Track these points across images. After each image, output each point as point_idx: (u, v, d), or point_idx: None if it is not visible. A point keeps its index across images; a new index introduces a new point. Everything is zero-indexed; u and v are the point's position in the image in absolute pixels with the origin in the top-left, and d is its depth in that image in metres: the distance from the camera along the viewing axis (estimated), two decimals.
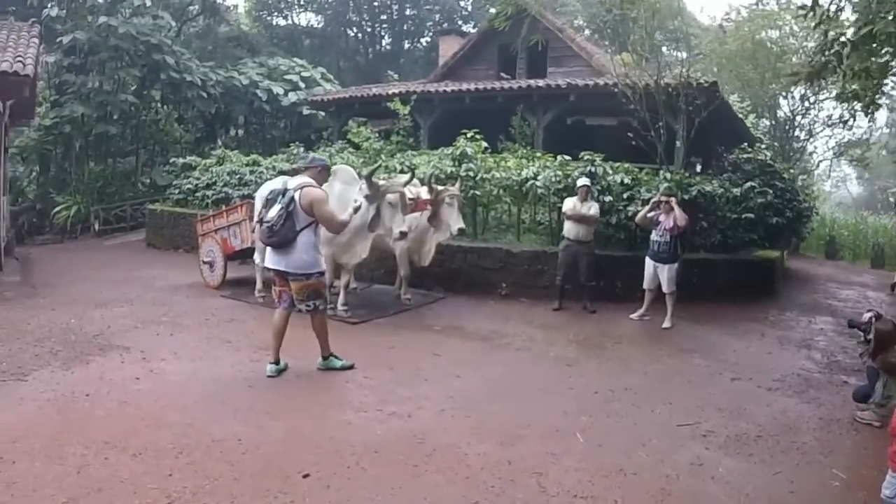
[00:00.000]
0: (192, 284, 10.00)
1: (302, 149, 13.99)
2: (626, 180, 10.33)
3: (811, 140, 23.49)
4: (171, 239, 14.37)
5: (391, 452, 4.34)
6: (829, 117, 22.67)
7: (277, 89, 19.71)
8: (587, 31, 20.85)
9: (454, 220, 8.28)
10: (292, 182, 5.99)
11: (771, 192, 11.39)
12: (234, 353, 6.43)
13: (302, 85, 20.29)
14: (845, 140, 23.48)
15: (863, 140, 24.04)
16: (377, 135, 14.35)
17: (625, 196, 10.21)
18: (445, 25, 28.13)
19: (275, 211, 5.68)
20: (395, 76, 23.58)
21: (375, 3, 30.98)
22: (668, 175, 10.84)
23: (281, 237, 5.64)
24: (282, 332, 5.88)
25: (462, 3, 32.50)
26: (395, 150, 13.68)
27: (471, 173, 10.30)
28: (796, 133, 22.71)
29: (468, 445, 4.53)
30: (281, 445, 4.39)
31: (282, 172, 12.82)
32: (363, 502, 3.72)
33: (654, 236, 8.65)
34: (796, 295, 12.15)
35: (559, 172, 10.34)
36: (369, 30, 31.81)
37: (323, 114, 20.48)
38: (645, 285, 8.82)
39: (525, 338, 7.69)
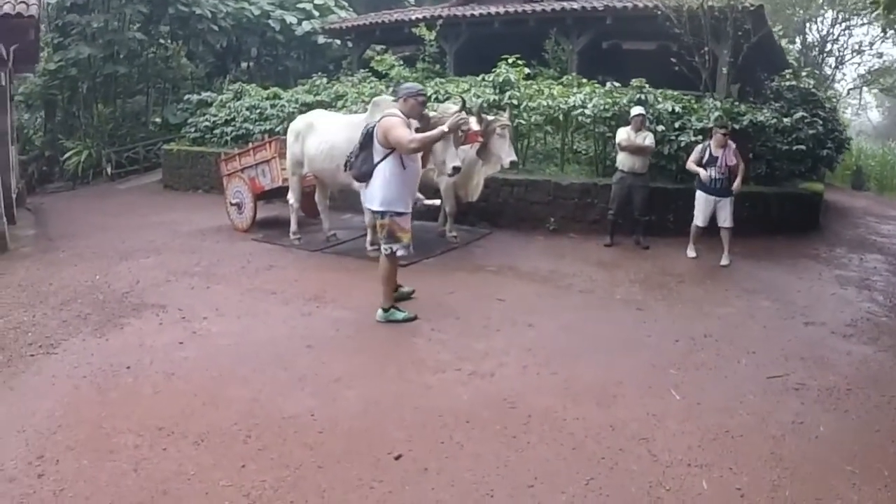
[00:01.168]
0: (219, 228, 9.46)
1: (325, 79, 13.20)
2: (677, 108, 9.66)
3: (840, 67, 22.54)
4: (189, 179, 13.75)
5: (484, 421, 3.87)
6: (860, 43, 21.66)
7: (291, 18, 18.70)
8: None
9: (506, 153, 7.64)
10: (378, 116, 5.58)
11: (821, 122, 10.74)
12: (283, 306, 5.90)
13: (315, 13, 19.26)
14: (875, 67, 22.52)
15: (893, 68, 22.99)
16: (401, 62, 13.52)
17: (676, 125, 9.56)
18: None
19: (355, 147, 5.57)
20: (412, 1, 22.37)
21: None
22: (718, 104, 10.16)
23: (356, 170, 5.50)
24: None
25: None
26: (422, 77, 12.89)
27: (514, 101, 9.58)
28: (826, 59, 21.76)
29: (564, 409, 4.06)
30: (361, 421, 3.88)
31: (305, 105, 12.19)
32: (468, 486, 3.25)
33: (711, 172, 8.01)
34: (840, 230, 11.57)
35: (608, 100, 9.63)
36: None
37: (338, 43, 19.52)
38: (699, 222, 8.21)
39: (585, 277, 7.21)
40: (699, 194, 8.15)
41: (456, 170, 6.46)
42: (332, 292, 6.11)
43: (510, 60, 10.38)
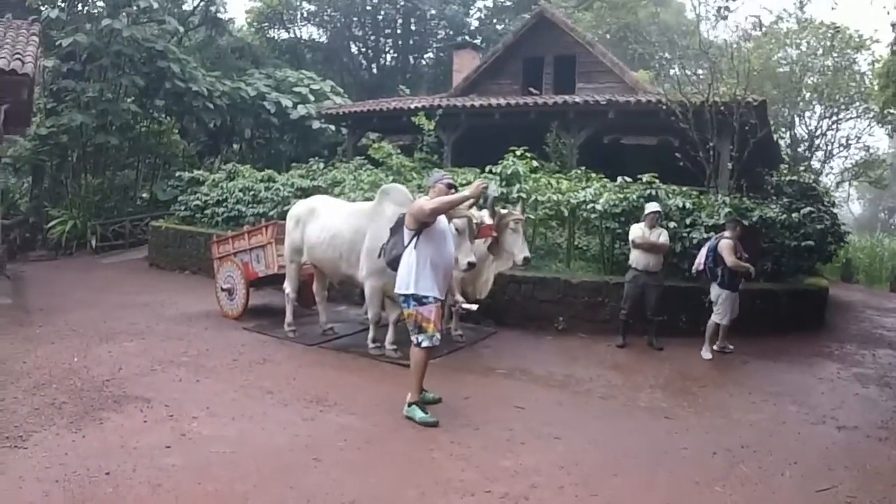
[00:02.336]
0: (207, 313, 8.91)
1: (322, 164, 12.96)
2: (688, 204, 9.44)
3: (828, 161, 22.93)
4: (176, 259, 13.23)
5: None
6: (847, 137, 22.13)
7: (286, 102, 18.73)
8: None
9: (519, 248, 7.24)
10: None
11: (828, 217, 10.65)
12: (281, 408, 5.31)
13: (311, 98, 19.33)
14: (862, 160, 22.92)
15: (879, 160, 23.42)
16: (398, 151, 13.34)
17: (687, 222, 9.31)
18: (458, 39, 27.23)
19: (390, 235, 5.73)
20: (407, 90, 22.64)
21: (380, 17, 30.18)
22: (727, 199, 10.00)
23: (388, 255, 5.63)
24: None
25: (469, 19, 31.81)
26: (419, 167, 12.69)
27: (522, 195, 9.30)
28: (815, 153, 22.14)
29: None
30: None
31: (300, 189, 11.88)
32: None
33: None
34: (844, 325, 11.45)
35: (618, 196, 9.39)
36: (373, 44, 30.96)
37: (333, 129, 19.52)
38: (726, 321, 8.09)
39: (603, 382, 6.75)
40: (728, 293, 8.03)
41: (471, 265, 6.12)
42: (335, 394, 5.56)
43: (518, 152, 10.16)
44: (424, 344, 5.12)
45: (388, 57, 31.99)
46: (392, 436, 4.85)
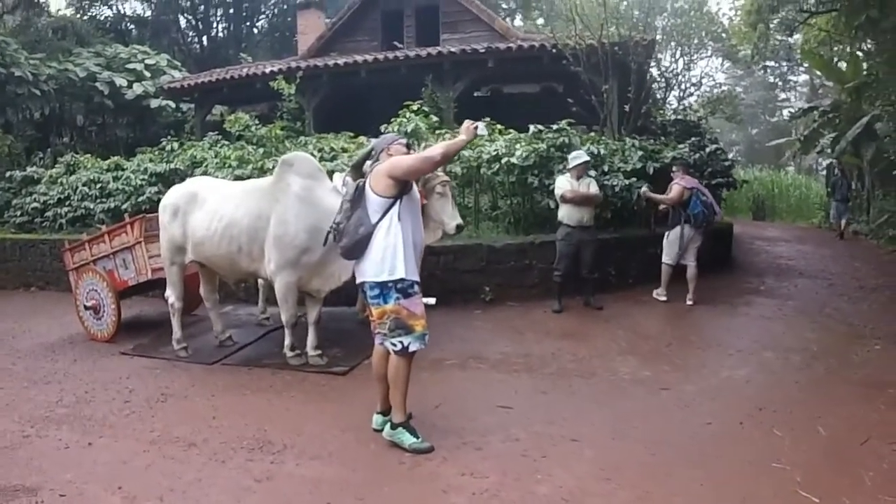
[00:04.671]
0: (71, 339, 7.09)
1: (176, 144, 11.07)
2: (602, 151, 8.79)
3: (684, 99, 23.61)
4: (18, 275, 10.75)
5: None
6: (700, 76, 22.86)
7: (120, 81, 16.15)
8: None
9: (449, 215, 6.00)
10: None
11: (730, 155, 10.48)
12: (219, 468, 3.83)
13: (147, 75, 16.86)
14: (714, 97, 23.71)
15: (732, 96, 24.39)
16: (255, 122, 11.71)
17: (605, 169, 8.65)
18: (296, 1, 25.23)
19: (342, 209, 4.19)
20: (249, 59, 20.49)
21: None
22: (637, 142, 9.48)
23: (350, 239, 4.04)
24: (383, 375, 4.15)
25: None
26: (283, 136, 11.12)
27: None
28: (671, 92, 22.69)
29: None
30: None
31: (156, 175, 10.09)
32: None
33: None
34: (747, 259, 11.61)
35: (530, 147, 8.52)
36: (202, 15, 28.10)
37: (172, 106, 17.26)
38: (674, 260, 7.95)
39: (569, 357, 5.95)
40: (679, 230, 7.82)
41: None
42: (277, 431, 4.25)
43: (414, 107, 9.00)
44: (412, 347, 3.95)
45: (220, 27, 29.24)
46: (385, 480, 3.63)
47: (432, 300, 5.06)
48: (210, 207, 5.90)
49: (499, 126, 9.03)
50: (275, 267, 5.54)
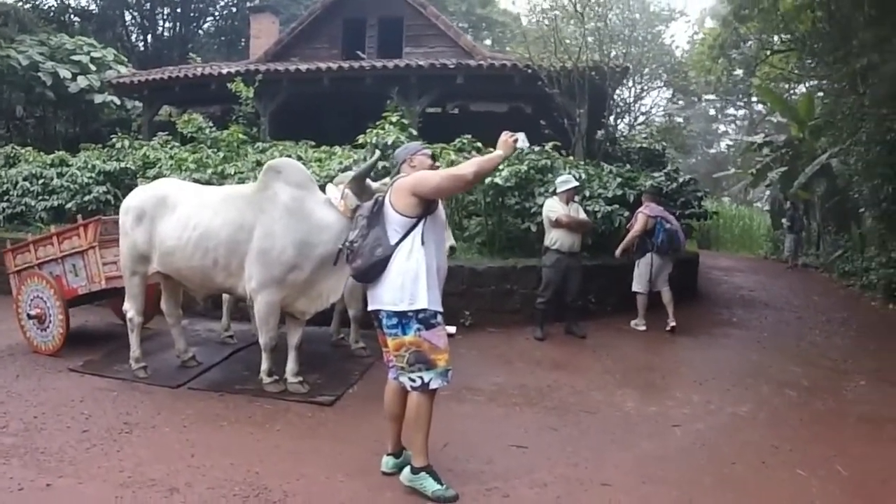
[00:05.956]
0: (11, 350, 6.26)
1: (126, 142, 10.30)
2: (583, 175, 8.58)
3: (633, 129, 23.89)
4: None
5: None
6: (651, 107, 23.21)
7: (64, 72, 15.09)
8: None
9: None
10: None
11: (700, 184, 10.51)
12: None
13: (92, 68, 15.85)
14: (663, 127, 24.16)
15: (679, 127, 24.89)
16: (210, 124, 11.07)
17: (587, 194, 8.43)
18: (248, 4, 24.52)
19: (358, 226, 3.70)
20: (198, 59, 19.64)
21: None
22: (614, 169, 9.36)
23: (365, 261, 3.55)
24: (397, 415, 3.71)
25: None
26: (237, 144, 10.50)
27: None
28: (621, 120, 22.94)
29: None
30: None
31: (104, 174, 9.33)
32: None
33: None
34: (709, 288, 11.72)
35: (512, 168, 8.20)
36: (148, 12, 26.99)
37: (117, 102, 16.30)
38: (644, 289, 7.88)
39: (567, 390, 5.63)
40: (649, 258, 7.72)
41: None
42: (274, 476, 3.67)
43: (393, 118, 8.56)
44: (434, 385, 3.50)
45: (166, 26, 28.14)
46: None
47: (453, 329, 4.62)
48: (183, 214, 5.29)
49: (478, 144, 8.70)
50: (256, 284, 4.98)
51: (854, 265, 13.07)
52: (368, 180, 4.36)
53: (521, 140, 3.59)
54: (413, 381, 3.50)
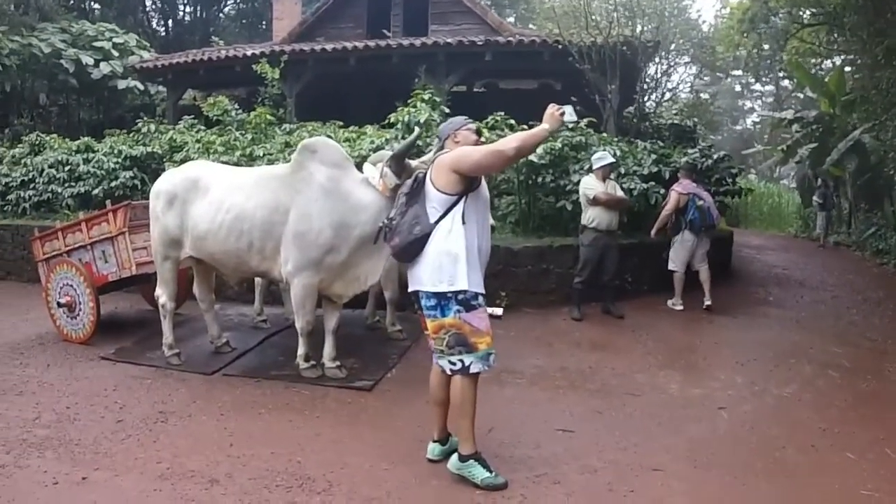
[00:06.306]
0: (41, 339, 6.24)
1: (152, 126, 10.23)
2: (617, 152, 8.34)
3: (660, 105, 23.45)
4: None
5: None
6: (676, 83, 22.69)
7: (87, 59, 14.98)
8: None
9: None
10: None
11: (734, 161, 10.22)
12: None
13: (115, 54, 15.75)
14: (690, 103, 23.68)
15: (707, 103, 24.40)
16: (236, 106, 10.94)
17: (621, 172, 8.20)
18: None
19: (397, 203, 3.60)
20: (221, 42, 19.53)
21: None
22: (647, 145, 9.10)
23: (403, 239, 3.42)
24: (442, 400, 3.57)
25: None
26: (272, 122, 10.37)
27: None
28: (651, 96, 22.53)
29: None
30: None
31: (130, 158, 9.27)
32: None
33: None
34: (744, 267, 11.50)
35: (546, 144, 7.99)
36: None
37: (141, 88, 16.25)
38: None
39: (608, 372, 5.49)
40: (684, 236, 7.54)
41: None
42: (316, 465, 3.55)
43: (425, 96, 8.38)
44: (474, 368, 3.36)
45: (187, 10, 28.00)
46: None
47: (499, 311, 4.45)
48: (215, 197, 5.18)
49: (510, 121, 8.50)
50: (293, 268, 4.86)
51: (888, 243, 12.77)
52: (408, 158, 4.21)
53: (569, 113, 3.39)
54: (453, 364, 3.36)
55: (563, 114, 3.38)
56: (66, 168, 9.55)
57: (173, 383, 5.03)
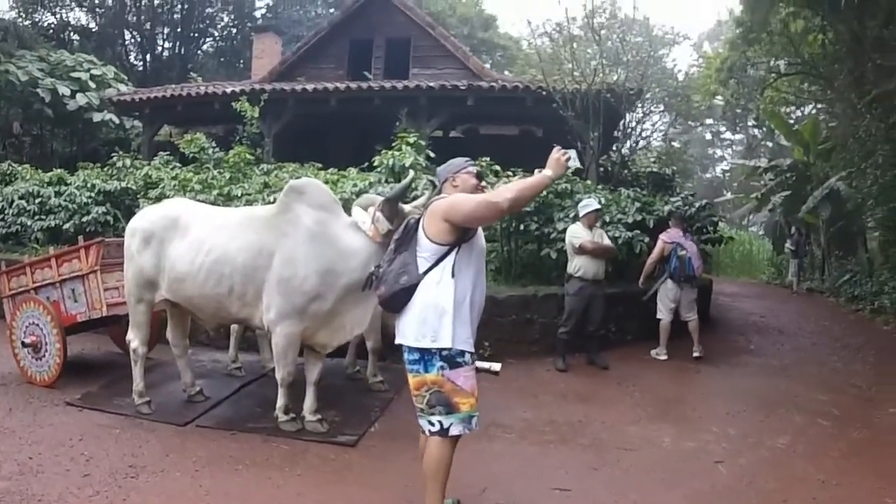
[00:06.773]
0: (3, 380, 5.86)
1: (127, 161, 10.01)
2: (602, 200, 8.31)
3: (633, 153, 23.80)
4: None
5: None
6: (651, 131, 23.14)
7: (63, 89, 14.82)
8: None
9: None
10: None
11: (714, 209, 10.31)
12: None
13: (91, 85, 15.58)
14: (665, 150, 24.06)
15: (679, 151, 24.83)
16: (213, 144, 10.78)
17: (606, 220, 8.16)
18: (248, 25, 24.44)
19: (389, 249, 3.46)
20: (199, 78, 19.44)
21: (157, 3, 26.21)
22: (631, 194, 9.10)
23: (390, 286, 3.26)
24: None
25: (258, 3, 29.06)
26: (242, 166, 10.18)
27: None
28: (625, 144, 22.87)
29: None
30: None
31: (104, 193, 9.03)
32: None
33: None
34: (722, 315, 11.47)
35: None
36: (148, 32, 26.81)
37: (116, 121, 16.02)
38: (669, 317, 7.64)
39: (597, 425, 5.35)
40: (668, 284, 7.58)
41: None
42: None
43: (410, 140, 8.31)
44: (454, 431, 3.16)
45: (166, 46, 27.94)
46: None
47: (497, 366, 4.28)
48: (195, 237, 4.97)
49: (495, 166, 8.45)
50: (275, 315, 4.65)
51: (862, 289, 12.91)
52: (401, 203, 4.08)
53: (574, 159, 3.27)
54: (432, 424, 3.17)
55: (568, 159, 3.25)
56: (37, 200, 9.26)
57: (144, 434, 4.74)
